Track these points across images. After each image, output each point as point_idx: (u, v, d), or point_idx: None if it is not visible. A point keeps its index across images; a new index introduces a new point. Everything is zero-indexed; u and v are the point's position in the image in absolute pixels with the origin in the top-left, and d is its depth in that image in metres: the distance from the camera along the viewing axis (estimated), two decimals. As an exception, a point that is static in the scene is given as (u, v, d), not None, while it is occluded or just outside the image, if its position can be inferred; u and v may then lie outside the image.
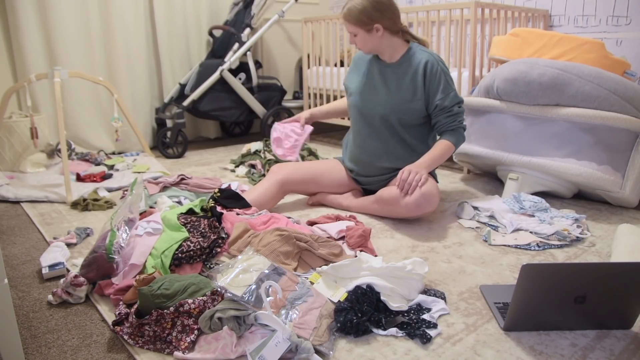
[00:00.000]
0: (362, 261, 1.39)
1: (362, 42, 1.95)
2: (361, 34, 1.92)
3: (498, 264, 1.58)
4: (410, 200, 1.82)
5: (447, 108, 1.92)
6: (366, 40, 1.94)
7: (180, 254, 1.43)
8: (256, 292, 1.17)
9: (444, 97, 1.91)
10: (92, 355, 1.14)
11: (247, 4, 3.52)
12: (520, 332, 1.20)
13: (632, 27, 2.72)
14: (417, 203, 1.82)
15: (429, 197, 1.82)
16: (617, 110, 1.99)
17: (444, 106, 1.92)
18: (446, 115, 1.93)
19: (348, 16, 1.90)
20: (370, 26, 1.90)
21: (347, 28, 1.94)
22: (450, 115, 1.93)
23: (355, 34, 1.94)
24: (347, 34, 2.15)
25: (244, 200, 2.00)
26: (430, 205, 1.84)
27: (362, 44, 1.96)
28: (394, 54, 1.99)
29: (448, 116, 1.93)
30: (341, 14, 1.94)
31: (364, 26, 1.90)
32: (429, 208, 1.85)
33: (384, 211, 1.96)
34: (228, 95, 3.46)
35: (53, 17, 3.00)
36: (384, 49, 1.98)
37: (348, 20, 1.91)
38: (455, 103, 1.93)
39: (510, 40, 2.42)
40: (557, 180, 2.12)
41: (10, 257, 1.69)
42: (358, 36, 1.93)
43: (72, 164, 2.84)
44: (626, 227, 1.73)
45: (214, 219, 1.64)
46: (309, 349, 1.07)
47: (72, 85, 3.14)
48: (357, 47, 2.03)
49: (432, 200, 1.84)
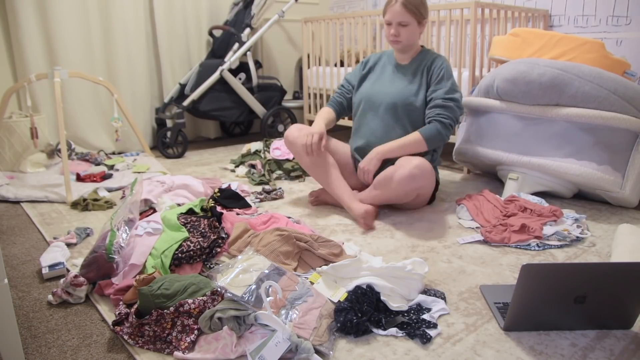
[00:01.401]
0: (362, 261, 1.40)
1: (410, 33, 1.98)
2: (414, 25, 1.96)
3: (498, 264, 1.58)
4: (404, 172, 1.81)
5: (436, 99, 1.96)
6: (414, 32, 1.98)
7: (180, 254, 1.43)
8: (256, 292, 1.17)
9: (438, 89, 1.98)
10: (92, 355, 1.14)
11: (247, 4, 3.52)
12: (520, 332, 1.20)
13: (632, 27, 2.72)
14: (410, 174, 1.81)
15: (422, 168, 1.82)
16: (617, 110, 1.99)
17: (435, 97, 1.97)
18: (431, 106, 1.98)
19: (408, 4, 1.92)
20: (423, 19, 1.97)
21: (399, 17, 1.94)
22: (435, 106, 1.96)
23: (406, 24, 1.96)
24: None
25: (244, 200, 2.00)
26: (423, 177, 1.83)
27: (408, 35, 1.98)
28: (412, 54, 2.08)
29: (433, 107, 1.97)
30: (394, 3, 1.94)
31: (419, 17, 1.95)
32: (422, 180, 1.84)
33: (384, 195, 1.93)
34: (228, 95, 3.46)
35: (53, 17, 3.00)
36: (414, 46, 2.05)
37: (407, 9, 1.93)
38: (447, 97, 1.95)
39: (510, 40, 2.42)
40: (557, 180, 2.12)
41: (10, 257, 1.69)
42: (409, 27, 1.96)
43: (72, 164, 2.84)
44: (626, 227, 1.73)
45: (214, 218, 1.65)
46: (309, 349, 1.07)
47: (72, 85, 3.14)
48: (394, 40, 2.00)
49: (425, 172, 1.83)
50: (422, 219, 2.01)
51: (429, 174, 1.85)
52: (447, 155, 3.22)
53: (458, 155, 2.49)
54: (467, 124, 2.46)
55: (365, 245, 1.74)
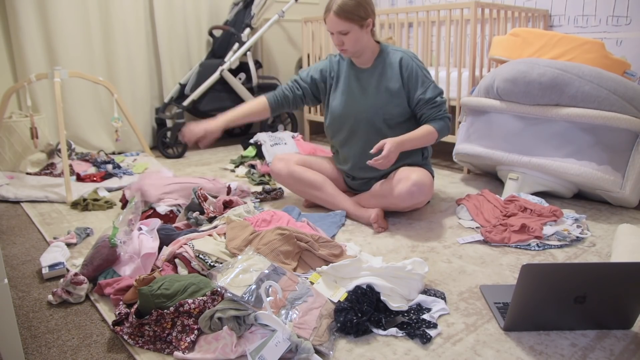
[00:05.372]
0: (362, 261, 1.39)
1: (354, 40, 1.83)
2: (355, 30, 1.81)
3: (498, 264, 1.58)
4: (403, 189, 1.82)
5: (431, 100, 1.90)
6: (358, 38, 1.84)
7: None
8: (256, 292, 1.16)
9: (425, 90, 1.90)
10: (92, 355, 1.14)
11: (247, 4, 3.52)
12: (520, 332, 1.20)
13: (632, 27, 2.72)
14: (409, 192, 1.82)
15: (421, 186, 1.82)
16: (617, 110, 1.99)
17: (428, 98, 1.89)
18: (430, 106, 1.91)
19: (341, 12, 1.77)
20: (364, 21, 1.81)
21: (336, 27, 1.81)
22: (434, 106, 1.91)
23: (346, 32, 1.81)
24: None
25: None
26: (422, 194, 1.84)
27: (353, 42, 1.84)
28: (370, 56, 1.94)
29: (432, 107, 1.91)
30: (328, 13, 1.81)
31: (359, 21, 1.80)
32: (422, 197, 1.85)
33: (379, 204, 1.95)
34: (228, 95, 3.46)
35: (53, 17, 3.00)
36: (366, 49, 1.91)
37: (341, 17, 1.78)
38: (437, 94, 1.91)
39: (510, 40, 2.42)
40: (557, 180, 2.12)
41: (10, 257, 1.69)
42: (350, 34, 1.81)
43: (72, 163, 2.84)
44: (626, 227, 1.73)
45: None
46: (309, 349, 1.07)
47: (72, 85, 3.14)
48: (341, 49, 1.87)
49: (425, 189, 1.83)
50: (422, 219, 2.01)
51: (428, 189, 1.86)
52: (447, 155, 3.22)
53: (458, 155, 2.49)
54: (467, 124, 2.46)
55: (365, 245, 1.74)
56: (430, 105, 1.91)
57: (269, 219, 1.74)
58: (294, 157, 2.15)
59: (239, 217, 1.73)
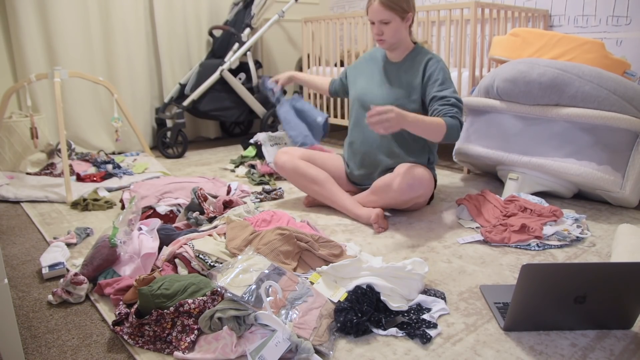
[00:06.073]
0: (362, 261, 1.40)
1: (394, 31, 1.87)
2: (396, 21, 1.86)
3: (498, 264, 1.58)
4: (403, 181, 1.83)
5: (446, 97, 1.85)
6: (398, 29, 1.88)
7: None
8: (256, 292, 1.16)
9: (442, 89, 1.87)
10: (92, 355, 1.14)
11: (247, 4, 3.52)
12: (520, 332, 1.20)
13: (632, 27, 2.72)
14: (408, 184, 1.83)
15: (420, 179, 1.83)
16: (617, 110, 1.99)
17: (443, 95, 1.85)
18: (443, 102, 1.84)
19: (387, 1, 1.81)
20: (406, 14, 1.86)
21: (379, 15, 1.85)
22: (447, 103, 1.83)
23: (388, 22, 1.85)
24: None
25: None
26: (422, 187, 1.84)
27: (392, 33, 1.88)
28: (403, 51, 1.99)
29: (444, 104, 1.83)
30: (372, 2, 1.85)
31: (401, 13, 1.85)
32: (421, 190, 1.85)
33: (382, 201, 1.95)
34: (228, 95, 3.46)
35: (53, 17, 3.00)
36: (401, 43, 1.96)
37: (385, 6, 1.82)
38: (454, 97, 1.86)
39: (510, 40, 2.42)
40: (557, 180, 2.12)
41: (10, 257, 1.69)
42: (391, 24, 1.86)
43: (72, 163, 2.84)
44: (626, 227, 1.72)
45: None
46: (309, 349, 1.07)
47: (72, 85, 3.14)
48: (379, 39, 1.91)
49: (425, 183, 1.84)
50: (422, 219, 2.01)
51: (428, 183, 1.86)
52: (447, 155, 3.22)
53: (458, 155, 2.49)
54: (467, 124, 2.46)
55: (365, 245, 1.74)
56: (444, 100, 1.85)
57: (269, 219, 1.74)
58: (298, 151, 2.17)
59: (239, 217, 1.73)
